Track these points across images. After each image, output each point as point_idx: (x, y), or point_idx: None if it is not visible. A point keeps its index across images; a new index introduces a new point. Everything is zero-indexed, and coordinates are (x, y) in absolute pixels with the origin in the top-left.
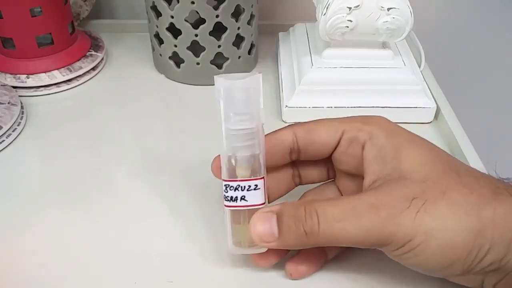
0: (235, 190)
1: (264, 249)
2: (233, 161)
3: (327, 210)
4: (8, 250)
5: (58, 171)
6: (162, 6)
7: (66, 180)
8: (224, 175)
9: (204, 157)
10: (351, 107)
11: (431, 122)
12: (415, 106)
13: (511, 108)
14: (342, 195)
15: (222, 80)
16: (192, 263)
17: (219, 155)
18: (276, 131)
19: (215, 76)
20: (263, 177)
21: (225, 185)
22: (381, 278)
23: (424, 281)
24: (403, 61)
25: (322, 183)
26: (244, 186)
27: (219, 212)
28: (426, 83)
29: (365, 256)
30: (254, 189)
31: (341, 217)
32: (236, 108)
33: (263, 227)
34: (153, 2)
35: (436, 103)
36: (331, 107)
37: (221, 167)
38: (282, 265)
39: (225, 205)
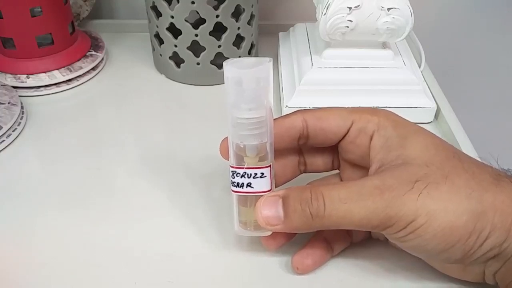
0: (241, 177)
1: (269, 233)
2: (240, 149)
3: (333, 192)
4: (8, 250)
5: (58, 171)
6: (162, 6)
7: (66, 180)
8: (232, 161)
9: (204, 157)
10: (351, 107)
11: (431, 122)
12: (415, 106)
13: (511, 108)
14: None
15: (231, 69)
16: (192, 263)
17: (226, 137)
18: (286, 115)
19: (224, 62)
20: (269, 165)
21: (232, 171)
22: (386, 272)
23: (428, 275)
24: (403, 61)
25: (326, 174)
26: (251, 174)
27: (220, 212)
28: (426, 83)
29: (370, 250)
30: (261, 177)
31: (346, 199)
32: (245, 97)
33: (269, 211)
34: (153, 2)
35: (436, 103)
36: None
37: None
38: (284, 264)
39: (232, 190)
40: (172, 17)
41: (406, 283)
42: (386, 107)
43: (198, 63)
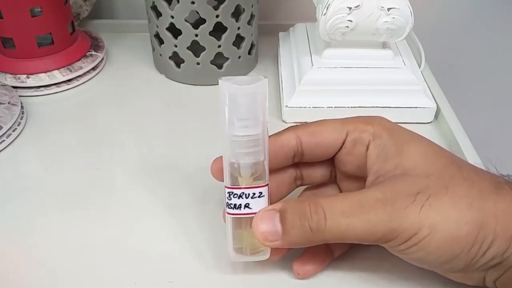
0: (239, 198)
1: (266, 256)
2: (236, 168)
3: (333, 205)
4: (8, 250)
5: (58, 171)
6: (162, 6)
7: (66, 180)
8: (227, 182)
9: (204, 157)
10: (351, 107)
11: (431, 122)
12: (415, 106)
13: (511, 108)
14: None
15: (227, 85)
16: (192, 263)
17: (218, 157)
18: (278, 134)
19: (219, 80)
20: (267, 184)
21: (228, 192)
22: (387, 275)
23: (429, 277)
24: (403, 61)
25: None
26: (249, 194)
27: (219, 212)
28: (426, 83)
29: (370, 253)
30: (259, 196)
31: (348, 212)
32: (241, 114)
33: (266, 226)
34: (153, 2)
35: (436, 103)
36: (331, 107)
37: (222, 170)
38: (284, 262)
39: (228, 213)
40: (172, 17)
41: (406, 284)
42: (386, 107)
43: (198, 63)
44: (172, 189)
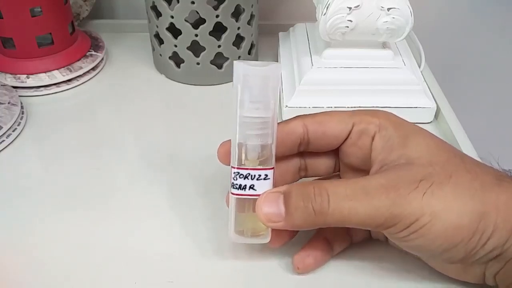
0: (244, 179)
1: (267, 240)
2: (244, 149)
3: (338, 189)
4: (8, 250)
5: (58, 171)
6: (162, 6)
7: (66, 180)
8: (234, 162)
9: (204, 157)
10: (351, 107)
11: (431, 122)
12: (415, 106)
13: (511, 108)
14: None
15: (242, 66)
16: (192, 263)
17: (226, 140)
18: (286, 121)
19: (234, 61)
20: (273, 167)
21: (234, 172)
22: (386, 273)
23: (428, 276)
24: (403, 61)
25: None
26: (254, 175)
27: (219, 213)
28: (426, 83)
29: (370, 250)
30: (264, 178)
31: (352, 196)
32: (253, 95)
33: (270, 207)
34: (153, 2)
35: (436, 103)
36: (331, 107)
37: (229, 153)
38: (284, 262)
39: (232, 193)
40: (172, 17)
41: (406, 283)
42: (386, 107)
43: (198, 63)
44: (172, 189)
